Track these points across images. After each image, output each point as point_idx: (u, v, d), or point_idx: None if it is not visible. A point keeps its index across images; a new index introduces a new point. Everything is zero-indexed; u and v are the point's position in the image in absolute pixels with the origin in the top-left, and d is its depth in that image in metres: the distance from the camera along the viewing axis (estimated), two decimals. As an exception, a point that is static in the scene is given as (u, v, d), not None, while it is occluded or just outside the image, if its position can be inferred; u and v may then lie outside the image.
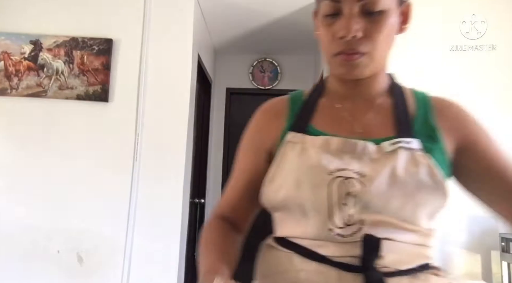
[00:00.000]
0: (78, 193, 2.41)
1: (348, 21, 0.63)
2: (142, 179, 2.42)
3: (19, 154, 2.46)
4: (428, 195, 0.62)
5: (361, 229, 0.60)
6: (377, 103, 0.73)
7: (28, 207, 2.40)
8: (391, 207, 0.60)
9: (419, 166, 0.62)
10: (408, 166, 0.62)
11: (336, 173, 0.62)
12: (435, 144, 0.67)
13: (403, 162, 0.62)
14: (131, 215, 2.39)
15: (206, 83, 3.61)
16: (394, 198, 0.60)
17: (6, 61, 2.48)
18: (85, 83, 2.48)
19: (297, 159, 0.65)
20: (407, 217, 0.61)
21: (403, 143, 0.65)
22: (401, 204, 0.61)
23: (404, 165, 0.62)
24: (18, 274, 2.35)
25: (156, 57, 2.55)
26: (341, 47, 0.65)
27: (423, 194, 0.61)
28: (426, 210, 0.63)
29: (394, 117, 0.70)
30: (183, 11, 2.62)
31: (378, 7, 0.63)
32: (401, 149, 0.64)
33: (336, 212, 0.61)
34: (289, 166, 0.66)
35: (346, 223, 0.60)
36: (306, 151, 0.66)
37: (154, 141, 2.46)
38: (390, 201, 0.60)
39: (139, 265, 2.34)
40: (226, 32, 3.51)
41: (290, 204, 0.65)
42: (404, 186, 0.60)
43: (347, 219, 0.60)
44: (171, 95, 2.53)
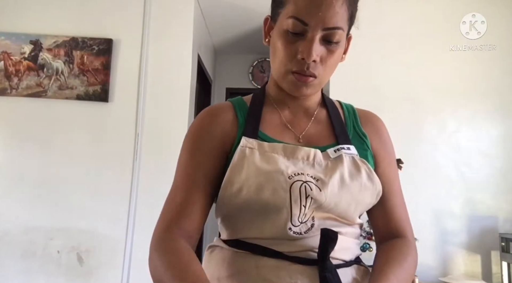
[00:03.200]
0: (78, 193, 2.41)
1: (311, 46, 0.67)
2: (142, 179, 2.42)
3: (19, 154, 2.46)
4: (368, 196, 0.70)
5: (313, 225, 0.67)
6: (315, 114, 0.79)
7: (28, 207, 2.40)
8: (340, 207, 0.68)
9: (360, 170, 0.70)
10: (352, 170, 0.70)
11: (295, 178, 0.67)
12: (367, 150, 0.76)
13: (348, 167, 0.70)
14: (131, 215, 2.39)
15: (206, 83, 3.61)
16: (343, 200, 0.68)
17: (6, 61, 2.48)
18: (85, 83, 2.48)
19: (256, 164, 0.68)
20: (349, 215, 0.69)
21: (344, 149, 0.72)
22: (347, 204, 0.68)
23: (348, 170, 0.70)
24: (18, 274, 2.35)
25: (156, 57, 2.55)
26: (299, 67, 0.69)
27: (364, 195, 0.70)
28: (362, 208, 0.71)
29: (331, 126, 0.78)
30: (183, 11, 2.62)
31: (336, 39, 0.69)
32: (344, 155, 0.71)
33: (297, 212, 0.66)
34: (249, 170, 0.68)
35: (301, 221, 0.67)
36: (264, 157, 0.69)
37: (154, 141, 2.46)
38: (340, 202, 0.67)
39: (139, 265, 2.34)
40: (226, 32, 3.51)
41: (250, 207, 0.67)
42: (351, 189, 0.68)
43: (302, 218, 0.67)
44: (171, 95, 2.53)
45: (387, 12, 2.62)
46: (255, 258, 0.66)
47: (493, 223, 2.39)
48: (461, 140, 2.49)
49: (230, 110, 0.78)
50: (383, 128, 0.82)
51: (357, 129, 0.79)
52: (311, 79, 0.70)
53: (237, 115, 0.77)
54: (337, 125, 0.77)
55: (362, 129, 0.79)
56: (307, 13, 0.67)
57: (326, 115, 0.80)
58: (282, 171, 0.66)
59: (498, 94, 2.51)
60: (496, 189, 2.42)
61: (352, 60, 2.89)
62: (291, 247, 0.66)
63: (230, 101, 0.82)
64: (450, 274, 2.34)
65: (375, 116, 0.84)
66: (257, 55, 4.03)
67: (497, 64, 2.52)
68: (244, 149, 0.70)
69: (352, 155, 0.72)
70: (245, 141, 0.71)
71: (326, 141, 0.75)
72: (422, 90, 2.54)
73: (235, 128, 0.75)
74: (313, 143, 0.74)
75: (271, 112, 0.79)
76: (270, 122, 0.77)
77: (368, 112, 0.84)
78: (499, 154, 2.46)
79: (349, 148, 0.73)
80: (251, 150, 0.70)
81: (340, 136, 0.75)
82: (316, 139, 0.75)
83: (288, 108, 0.79)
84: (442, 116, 2.52)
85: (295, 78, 0.70)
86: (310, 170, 0.68)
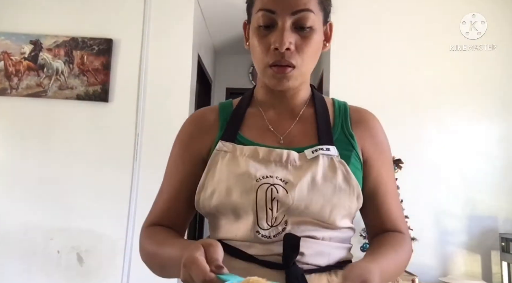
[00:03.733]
0: (78, 193, 2.41)
1: (282, 33, 0.67)
2: (142, 179, 2.42)
3: (19, 154, 2.46)
4: (344, 198, 0.68)
5: (285, 229, 0.66)
6: (301, 113, 0.78)
7: (28, 207, 2.40)
8: (311, 210, 0.66)
9: (336, 171, 0.69)
10: (327, 171, 0.68)
11: (263, 180, 0.66)
12: (351, 151, 0.74)
13: (322, 168, 0.68)
14: (131, 215, 2.39)
15: (206, 83, 3.61)
16: (314, 202, 0.66)
17: (6, 61, 2.48)
18: (85, 83, 2.48)
19: (227, 167, 0.69)
20: (325, 218, 0.67)
21: (323, 150, 0.70)
22: (320, 206, 0.66)
23: (323, 171, 0.68)
24: (18, 274, 2.35)
25: (156, 57, 2.55)
26: (275, 58, 0.69)
27: (339, 197, 0.67)
28: (342, 211, 0.68)
29: (315, 126, 0.76)
30: (183, 11, 2.61)
31: (308, 23, 0.68)
32: (321, 156, 0.69)
33: (263, 215, 0.66)
34: (220, 174, 0.69)
35: (271, 224, 0.66)
36: (235, 160, 0.70)
37: (154, 141, 2.46)
38: (311, 204, 0.66)
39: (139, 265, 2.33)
40: (226, 32, 3.51)
41: (222, 210, 0.68)
42: (322, 191, 0.67)
43: (272, 221, 0.66)
44: (171, 95, 2.53)
45: (387, 12, 2.61)
46: (228, 260, 0.65)
47: (493, 223, 2.39)
48: (461, 140, 2.49)
49: (213, 113, 0.80)
50: (377, 126, 0.79)
51: (344, 128, 0.77)
52: (289, 69, 0.69)
53: (220, 118, 0.78)
54: (322, 124, 0.75)
55: (350, 129, 0.76)
56: (273, 1, 0.67)
57: (313, 114, 0.78)
58: (250, 174, 0.67)
59: (498, 94, 2.51)
60: (496, 189, 2.42)
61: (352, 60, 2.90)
62: (261, 251, 0.66)
63: (219, 104, 0.84)
64: (450, 274, 2.34)
65: (369, 114, 0.81)
66: (257, 55, 4.03)
67: (497, 64, 2.52)
68: (218, 153, 0.71)
69: (331, 156, 0.70)
70: (221, 144, 0.72)
71: (308, 142, 0.73)
72: (422, 90, 2.54)
73: (215, 132, 0.77)
74: (294, 144, 0.73)
75: (254, 114, 0.79)
76: (251, 125, 0.77)
77: (362, 110, 0.81)
78: (499, 154, 2.46)
79: (328, 149, 0.71)
80: (225, 153, 0.71)
81: (322, 136, 0.73)
82: (298, 140, 0.74)
83: (273, 109, 0.79)
84: (442, 116, 2.52)
85: (274, 71, 0.70)
86: (281, 172, 0.68)
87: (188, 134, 0.80)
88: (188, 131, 0.81)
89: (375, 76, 2.58)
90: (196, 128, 0.79)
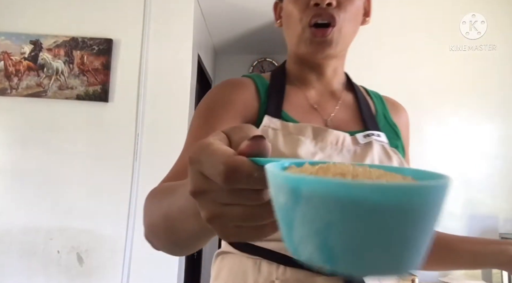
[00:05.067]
0: (78, 193, 2.41)
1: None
2: (142, 179, 2.42)
3: (19, 154, 2.46)
4: None
5: None
6: (341, 98, 0.72)
7: (28, 207, 2.40)
8: None
9: (391, 159, 0.64)
10: (382, 159, 0.63)
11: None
12: (398, 140, 0.70)
13: (378, 155, 0.63)
14: (131, 215, 2.39)
15: (206, 83, 3.61)
16: None
17: (6, 61, 2.48)
18: (85, 83, 2.48)
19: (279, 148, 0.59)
20: None
21: (375, 136, 0.65)
22: None
23: (378, 157, 0.63)
24: (18, 274, 2.35)
25: (156, 57, 2.55)
26: (315, 12, 0.62)
27: None
28: None
29: (359, 111, 0.70)
30: (183, 11, 2.61)
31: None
32: (374, 142, 0.64)
33: None
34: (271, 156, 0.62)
35: None
36: (288, 139, 0.60)
37: (154, 141, 2.46)
38: None
39: (139, 265, 2.34)
40: (226, 32, 3.51)
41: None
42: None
43: None
44: (171, 95, 2.53)
45: (387, 12, 2.61)
46: (272, 267, 0.57)
47: (493, 223, 2.39)
48: (461, 140, 2.49)
49: (251, 84, 0.70)
50: (408, 121, 0.76)
51: (387, 118, 0.72)
52: (330, 29, 0.62)
53: (259, 90, 0.68)
54: (366, 110, 0.70)
55: (392, 118, 0.73)
56: None
57: (353, 99, 0.73)
58: (308, 158, 0.57)
59: (498, 94, 2.51)
60: (496, 189, 2.42)
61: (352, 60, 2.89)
62: None
63: (248, 76, 0.72)
64: (450, 274, 2.34)
65: (402, 106, 0.78)
66: (257, 55, 4.03)
67: (497, 64, 2.52)
68: (266, 130, 0.61)
69: (382, 143, 0.65)
70: (267, 120, 0.62)
71: (354, 127, 0.67)
72: (422, 90, 2.54)
73: (257, 104, 0.66)
74: (341, 128, 0.66)
75: (295, 91, 0.70)
76: (294, 102, 0.68)
77: (396, 101, 0.78)
78: (499, 154, 2.46)
79: (379, 135, 0.66)
80: (274, 131, 0.61)
81: (368, 121, 0.68)
82: (343, 124, 0.67)
83: (313, 88, 0.71)
84: (442, 116, 2.52)
85: (312, 34, 0.63)
86: (337, 157, 0.60)
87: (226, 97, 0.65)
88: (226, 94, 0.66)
89: (375, 76, 2.58)
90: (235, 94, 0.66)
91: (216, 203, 0.28)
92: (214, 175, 0.26)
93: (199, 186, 0.28)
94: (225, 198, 0.27)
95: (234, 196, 0.27)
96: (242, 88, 0.68)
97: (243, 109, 0.64)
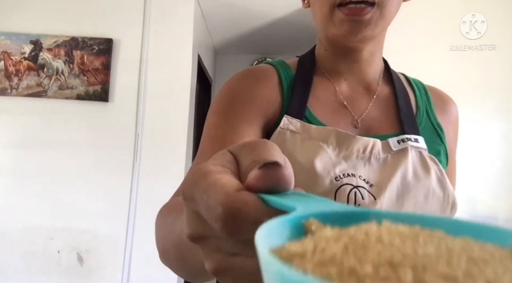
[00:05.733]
0: (78, 193, 2.41)
1: None
2: (142, 179, 2.42)
3: (19, 154, 2.46)
4: (437, 207, 0.53)
5: None
6: (377, 91, 0.62)
7: (28, 207, 2.40)
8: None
9: (429, 170, 0.53)
10: (418, 170, 0.53)
11: (344, 180, 0.51)
12: (441, 145, 0.59)
13: (412, 165, 0.53)
14: (131, 215, 2.39)
15: (206, 83, 3.61)
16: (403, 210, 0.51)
17: (6, 61, 2.48)
18: (85, 83, 2.48)
19: (295, 156, 0.52)
20: None
21: (411, 141, 0.55)
22: None
23: (413, 168, 0.53)
24: (18, 274, 2.35)
25: (156, 57, 2.55)
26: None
27: (432, 205, 0.52)
28: None
29: (396, 109, 0.59)
30: (183, 11, 2.61)
31: None
32: (410, 149, 0.54)
33: None
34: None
35: None
36: (307, 145, 0.52)
37: (154, 141, 2.46)
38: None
39: (139, 265, 2.34)
40: (226, 32, 3.51)
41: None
42: (415, 196, 0.52)
43: None
44: (171, 95, 2.53)
45: (387, 12, 2.61)
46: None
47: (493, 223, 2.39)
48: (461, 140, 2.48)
49: (274, 75, 0.60)
50: (458, 117, 0.65)
51: (431, 116, 0.61)
52: (368, 9, 0.51)
53: (282, 83, 0.59)
54: (404, 108, 0.59)
55: (437, 117, 0.61)
56: None
57: (391, 93, 0.62)
58: (329, 169, 0.50)
59: (498, 94, 2.51)
60: (496, 189, 2.42)
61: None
62: None
63: (272, 64, 0.63)
64: None
65: (451, 100, 0.66)
66: (257, 55, 4.03)
67: (497, 64, 2.52)
68: (284, 133, 0.53)
69: (420, 150, 0.55)
70: (287, 121, 0.54)
71: (389, 129, 0.57)
72: (422, 90, 2.54)
73: (280, 98, 0.57)
74: (373, 130, 0.57)
75: (324, 84, 0.61)
76: (322, 98, 0.59)
77: (444, 93, 0.65)
78: (499, 154, 2.46)
79: (417, 140, 0.55)
80: (293, 134, 0.53)
81: (406, 122, 0.57)
82: (377, 124, 0.58)
83: (344, 81, 0.61)
84: (442, 116, 2.52)
85: (344, 14, 0.52)
86: (363, 169, 0.52)
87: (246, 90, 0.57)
88: (246, 88, 0.57)
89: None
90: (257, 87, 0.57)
91: (221, 252, 0.22)
92: (211, 220, 0.20)
93: (197, 231, 0.22)
94: (231, 248, 0.21)
95: (242, 245, 0.21)
96: (265, 81, 0.59)
97: (266, 106, 0.56)
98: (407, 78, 0.67)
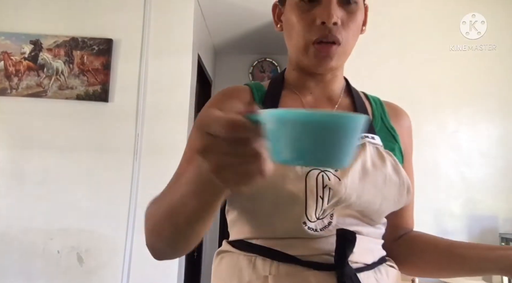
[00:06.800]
0: (78, 193, 2.41)
1: (329, 7, 0.63)
2: (142, 179, 2.42)
3: (19, 154, 2.46)
4: (394, 190, 0.64)
5: (331, 223, 0.60)
6: (338, 102, 0.74)
7: (28, 207, 2.40)
8: (363, 201, 0.61)
9: (385, 160, 0.64)
10: (375, 160, 0.64)
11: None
12: (395, 144, 0.71)
13: (370, 157, 0.64)
14: (131, 215, 2.39)
15: (206, 83, 3.61)
16: (365, 191, 0.61)
17: (6, 61, 2.48)
18: (85, 83, 2.48)
19: None
20: (374, 210, 0.63)
21: (368, 138, 0.66)
22: (372, 197, 0.61)
23: (371, 159, 0.64)
24: (18, 274, 2.35)
25: (156, 57, 2.55)
26: (320, 33, 0.64)
27: (390, 188, 0.63)
28: (390, 205, 0.64)
29: None
30: (183, 11, 2.61)
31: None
32: (368, 144, 0.65)
33: (313, 204, 0.58)
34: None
35: (318, 217, 0.59)
36: None
37: (154, 141, 2.46)
38: (362, 194, 0.61)
39: (139, 265, 2.34)
40: (226, 32, 3.51)
41: (263, 197, 0.60)
42: (374, 180, 0.62)
43: (320, 213, 0.59)
44: (171, 95, 2.53)
45: (387, 12, 2.61)
46: (266, 264, 0.59)
47: (493, 223, 2.39)
48: (461, 140, 2.49)
49: (246, 92, 0.73)
50: (411, 126, 0.79)
51: (385, 122, 0.74)
52: (335, 47, 0.64)
53: (254, 97, 0.72)
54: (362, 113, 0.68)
55: (391, 122, 0.74)
56: None
57: (351, 103, 0.74)
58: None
59: (498, 94, 2.51)
60: (496, 189, 2.42)
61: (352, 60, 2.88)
62: (305, 250, 0.59)
63: (247, 84, 0.76)
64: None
65: (404, 111, 0.79)
66: (257, 55, 4.03)
67: (497, 64, 2.52)
68: None
69: (376, 146, 0.66)
70: None
71: None
72: (422, 90, 2.54)
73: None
74: None
75: (291, 97, 0.73)
76: (289, 107, 0.70)
77: (397, 106, 0.79)
78: (499, 154, 2.46)
79: (373, 138, 0.67)
80: None
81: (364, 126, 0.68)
82: None
83: (310, 94, 0.73)
84: (442, 116, 2.52)
85: (317, 50, 0.65)
86: None
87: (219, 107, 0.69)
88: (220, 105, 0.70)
89: (375, 77, 2.58)
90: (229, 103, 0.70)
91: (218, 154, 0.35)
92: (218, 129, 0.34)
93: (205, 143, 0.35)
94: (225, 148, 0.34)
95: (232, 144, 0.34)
96: (235, 97, 0.72)
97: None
98: (366, 94, 0.80)
